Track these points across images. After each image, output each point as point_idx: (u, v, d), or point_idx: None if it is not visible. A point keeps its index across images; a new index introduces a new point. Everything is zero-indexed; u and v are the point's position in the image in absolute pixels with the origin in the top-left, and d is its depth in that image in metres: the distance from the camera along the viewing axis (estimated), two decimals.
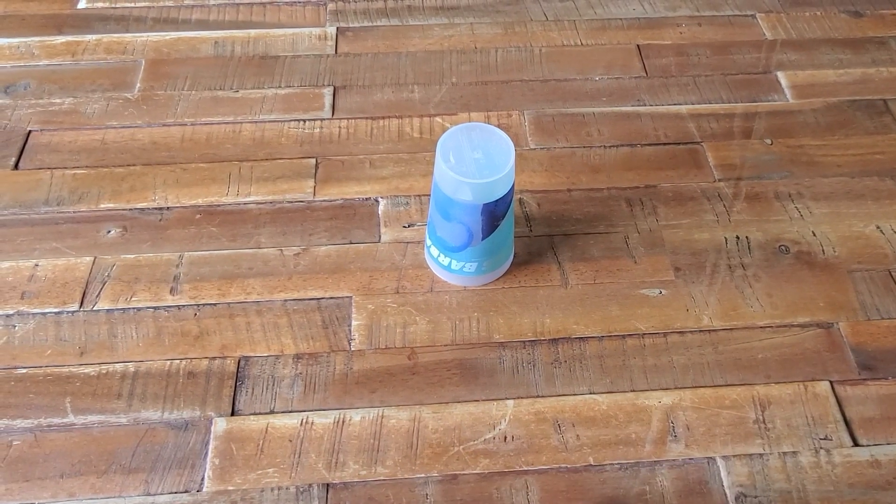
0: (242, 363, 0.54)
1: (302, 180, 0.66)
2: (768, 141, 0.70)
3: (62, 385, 0.53)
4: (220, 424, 0.51)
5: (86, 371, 0.54)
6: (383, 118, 0.72)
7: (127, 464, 0.49)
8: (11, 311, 0.57)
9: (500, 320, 0.57)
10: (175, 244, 0.61)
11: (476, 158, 0.51)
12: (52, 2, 0.82)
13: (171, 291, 0.58)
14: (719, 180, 0.67)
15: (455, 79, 0.76)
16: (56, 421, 0.51)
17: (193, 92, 0.73)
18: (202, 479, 0.49)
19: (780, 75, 0.76)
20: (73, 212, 0.63)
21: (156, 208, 0.64)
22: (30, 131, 0.69)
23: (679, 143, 0.70)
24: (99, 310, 0.57)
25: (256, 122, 0.71)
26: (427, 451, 0.50)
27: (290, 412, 0.52)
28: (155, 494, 0.48)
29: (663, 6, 0.84)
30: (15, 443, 0.50)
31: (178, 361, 0.54)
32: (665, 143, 0.70)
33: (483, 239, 0.54)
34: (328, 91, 0.74)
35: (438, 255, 0.57)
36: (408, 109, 0.72)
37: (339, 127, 0.70)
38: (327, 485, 0.48)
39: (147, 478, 0.49)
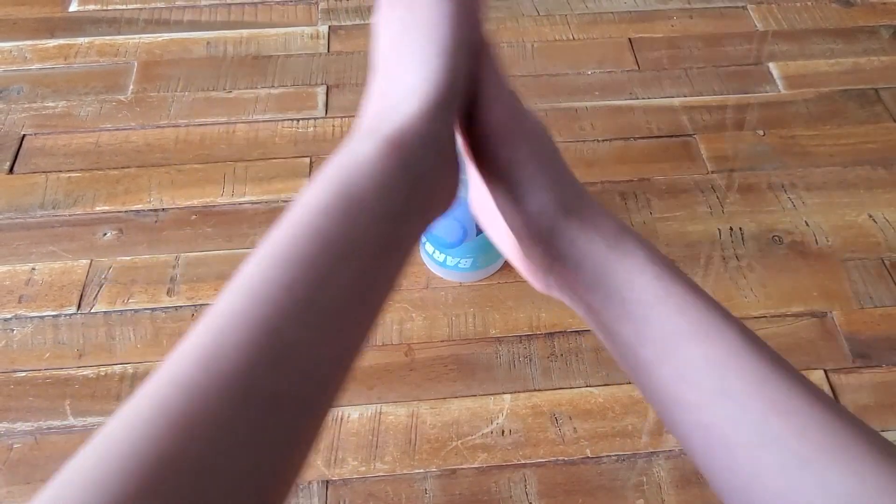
0: None
1: (297, 180, 0.66)
2: (761, 132, 0.70)
3: (61, 387, 0.53)
4: None
5: (85, 373, 0.54)
6: None
7: None
8: (9, 315, 0.57)
9: (495, 315, 0.57)
10: (171, 245, 0.61)
11: None
12: (43, 5, 0.82)
13: (169, 293, 0.58)
14: (712, 172, 0.67)
15: None
16: (56, 423, 0.51)
17: (186, 93, 0.73)
18: None
19: (772, 66, 0.76)
20: (69, 215, 0.63)
21: (151, 210, 0.64)
22: (24, 135, 0.69)
23: (672, 136, 0.70)
24: (96, 312, 0.57)
25: (250, 122, 0.71)
26: (425, 446, 0.51)
27: None
28: None
29: None
30: (15, 446, 0.50)
31: None
32: (658, 136, 0.70)
33: (478, 235, 0.54)
34: (321, 90, 0.74)
35: (433, 252, 0.57)
36: None
37: (333, 126, 0.71)
38: (327, 481, 0.49)
39: None
